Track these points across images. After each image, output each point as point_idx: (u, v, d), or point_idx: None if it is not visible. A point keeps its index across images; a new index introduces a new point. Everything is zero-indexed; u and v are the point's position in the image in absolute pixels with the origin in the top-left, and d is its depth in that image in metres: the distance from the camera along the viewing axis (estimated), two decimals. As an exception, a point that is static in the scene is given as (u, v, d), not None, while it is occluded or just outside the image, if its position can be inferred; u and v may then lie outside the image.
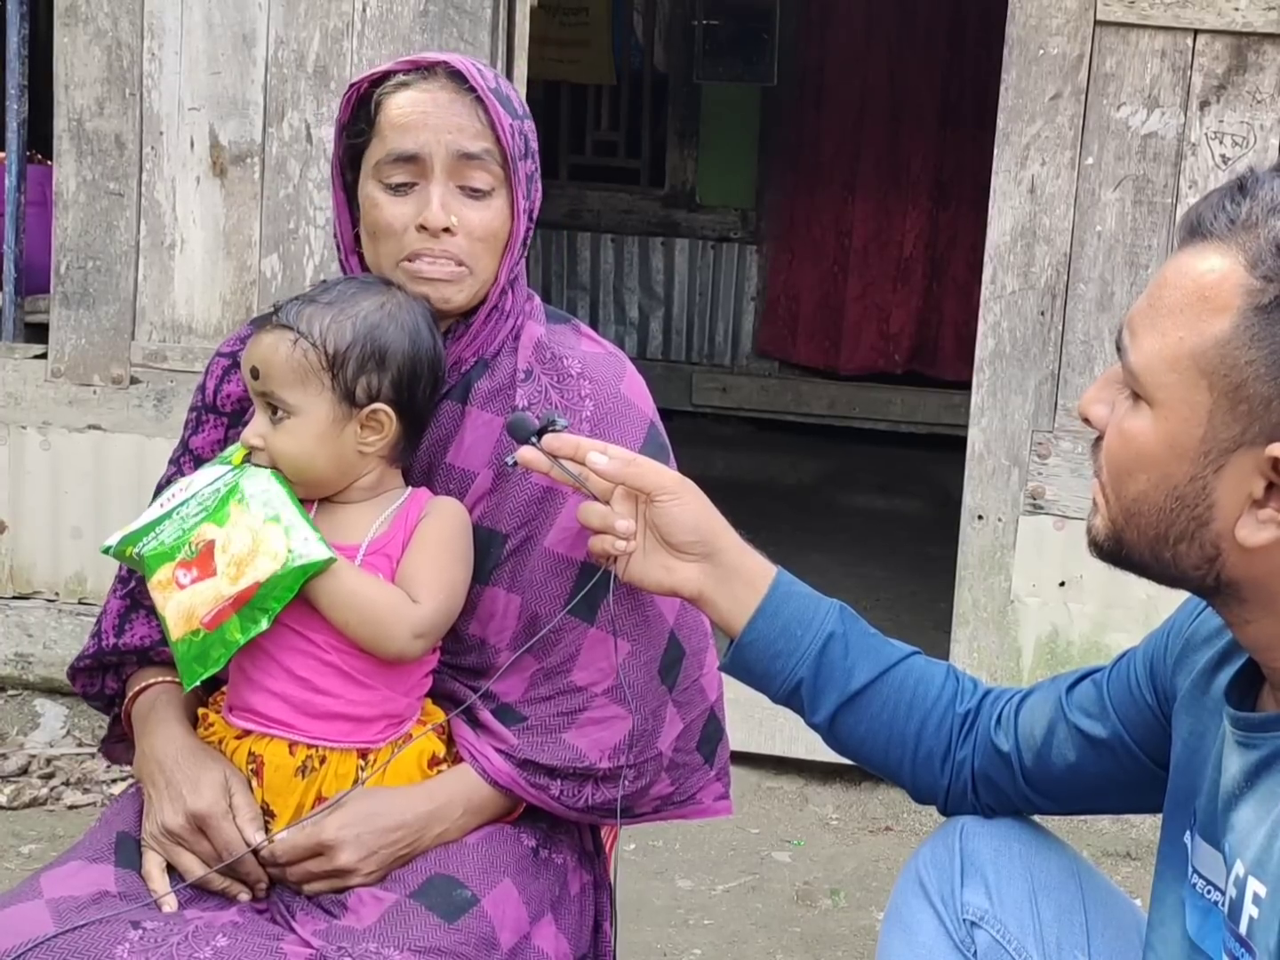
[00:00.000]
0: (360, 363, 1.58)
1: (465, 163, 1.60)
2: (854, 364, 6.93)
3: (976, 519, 3.47)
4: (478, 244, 1.62)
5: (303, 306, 1.59)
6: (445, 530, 1.64)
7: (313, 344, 1.56)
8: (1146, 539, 1.22)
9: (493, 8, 3.45)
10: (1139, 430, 1.19)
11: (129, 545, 1.59)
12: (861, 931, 2.92)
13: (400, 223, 1.61)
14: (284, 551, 1.53)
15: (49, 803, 3.25)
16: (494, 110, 1.60)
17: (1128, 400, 1.21)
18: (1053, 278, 3.40)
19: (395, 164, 1.61)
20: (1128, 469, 1.21)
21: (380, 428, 1.61)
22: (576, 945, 1.67)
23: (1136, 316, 1.21)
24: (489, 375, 1.69)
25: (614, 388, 1.71)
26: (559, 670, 1.66)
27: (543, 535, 1.66)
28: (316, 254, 3.56)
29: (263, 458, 1.60)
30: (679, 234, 7.15)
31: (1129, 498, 1.21)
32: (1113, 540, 1.25)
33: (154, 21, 3.54)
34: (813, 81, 6.80)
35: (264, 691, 1.60)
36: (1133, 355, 1.19)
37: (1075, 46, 3.33)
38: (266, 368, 1.58)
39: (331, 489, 1.63)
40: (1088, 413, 1.26)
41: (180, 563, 1.55)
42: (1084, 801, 1.56)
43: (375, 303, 1.59)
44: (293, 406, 1.58)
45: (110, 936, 1.43)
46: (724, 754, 1.81)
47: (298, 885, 1.58)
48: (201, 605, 1.54)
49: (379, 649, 1.59)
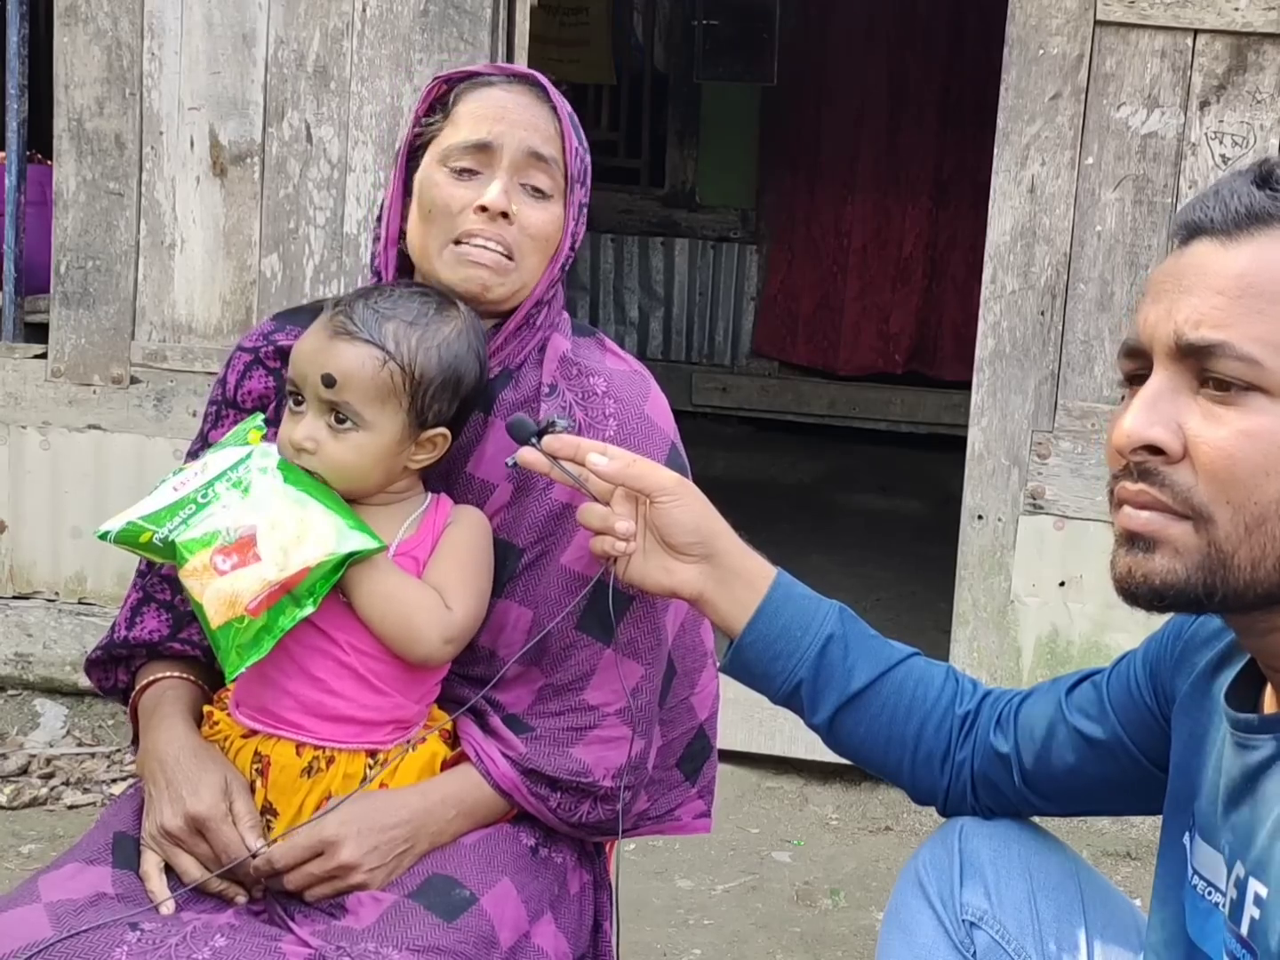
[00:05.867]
0: (439, 391, 1.58)
1: (533, 162, 1.63)
2: (853, 364, 6.94)
3: (976, 519, 3.47)
4: (528, 240, 1.63)
5: (383, 320, 1.56)
6: (473, 539, 1.64)
7: (401, 367, 1.55)
8: (1277, 546, 1.13)
9: (493, 7, 3.45)
10: (1267, 424, 1.12)
11: (143, 532, 1.54)
12: (861, 931, 2.92)
13: (458, 203, 1.62)
14: (333, 536, 1.50)
15: (49, 803, 3.25)
16: (566, 125, 1.65)
17: (1209, 406, 1.14)
18: (1053, 278, 3.40)
19: (465, 151, 1.63)
20: (1265, 469, 1.12)
21: (434, 448, 1.62)
22: (576, 944, 1.67)
23: (1212, 314, 1.14)
24: (514, 387, 1.69)
25: (639, 408, 1.71)
26: (571, 688, 1.66)
27: (559, 551, 1.66)
28: (316, 254, 3.56)
29: (310, 461, 1.56)
30: (679, 234, 7.15)
31: (1265, 501, 1.12)
32: (1205, 570, 1.15)
33: (154, 21, 3.55)
34: (813, 81, 6.80)
35: (276, 689, 1.60)
36: (1246, 348, 1.12)
37: (1075, 46, 3.33)
38: (347, 380, 1.54)
39: (366, 497, 1.62)
40: (1149, 437, 1.15)
41: (219, 549, 1.51)
42: (1083, 803, 1.56)
43: (456, 328, 1.59)
44: (367, 422, 1.56)
45: (108, 939, 1.43)
46: (709, 772, 1.82)
47: (299, 891, 1.57)
48: (246, 592, 1.49)
49: (408, 650, 1.59)
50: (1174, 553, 1.15)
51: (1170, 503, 1.15)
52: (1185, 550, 1.15)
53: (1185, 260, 1.18)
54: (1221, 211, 1.16)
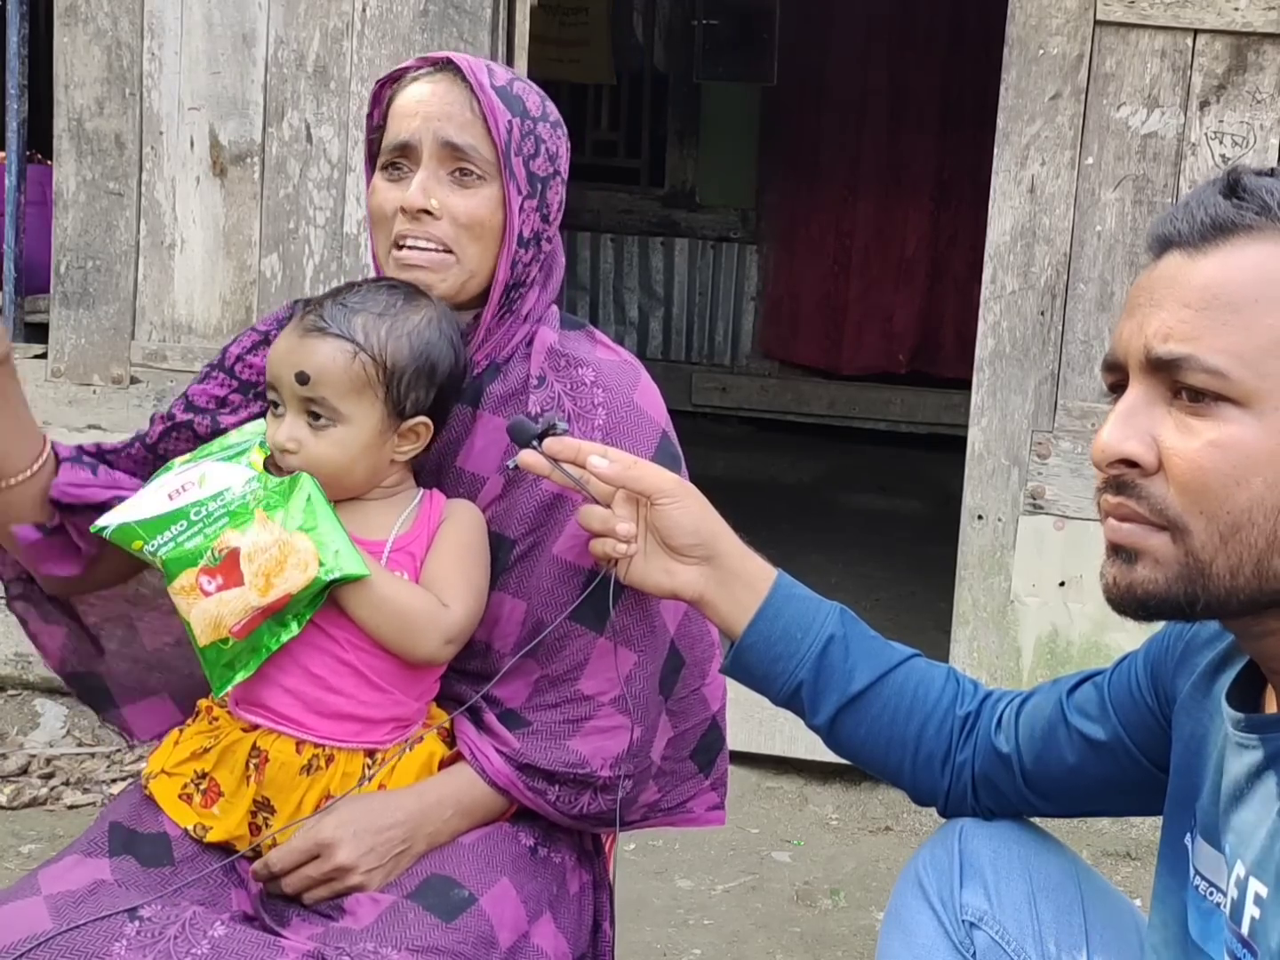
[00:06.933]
0: (414, 379, 1.58)
1: (450, 150, 1.61)
2: (856, 364, 6.94)
3: (976, 519, 3.47)
4: (463, 231, 1.62)
5: (351, 314, 1.57)
6: (468, 534, 1.64)
7: (372, 358, 1.56)
8: (1254, 553, 1.14)
9: (493, 8, 3.46)
10: (1236, 434, 1.12)
11: (136, 538, 1.55)
12: (861, 931, 2.92)
13: (390, 207, 1.63)
14: (315, 563, 1.50)
15: (49, 802, 3.25)
16: (488, 104, 1.62)
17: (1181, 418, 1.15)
18: (1053, 278, 3.40)
19: (391, 153, 1.64)
20: (1234, 479, 1.13)
21: (417, 438, 1.62)
22: (575, 944, 1.67)
23: (1179, 328, 1.14)
24: (501, 380, 1.69)
25: (627, 397, 1.71)
26: (566, 678, 1.66)
27: (551, 542, 1.66)
28: (316, 254, 3.56)
29: (294, 461, 1.57)
30: (679, 234, 7.15)
31: (1237, 510, 1.13)
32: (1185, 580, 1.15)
33: (154, 21, 3.55)
34: (813, 81, 6.80)
35: (276, 687, 1.60)
36: (1211, 360, 1.12)
37: (1075, 46, 3.33)
38: (320, 375, 1.55)
39: (358, 493, 1.63)
40: (1124, 451, 1.16)
41: (204, 569, 1.52)
42: (1084, 804, 1.56)
43: (425, 316, 1.59)
44: (344, 416, 1.57)
45: (107, 932, 1.43)
46: (722, 765, 1.81)
47: (297, 894, 1.57)
48: (230, 615, 1.51)
49: (409, 654, 1.59)
50: (1154, 563, 1.16)
51: (1147, 515, 1.16)
52: (1164, 561, 1.16)
53: (1157, 273, 1.19)
54: (1189, 223, 1.17)
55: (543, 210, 1.66)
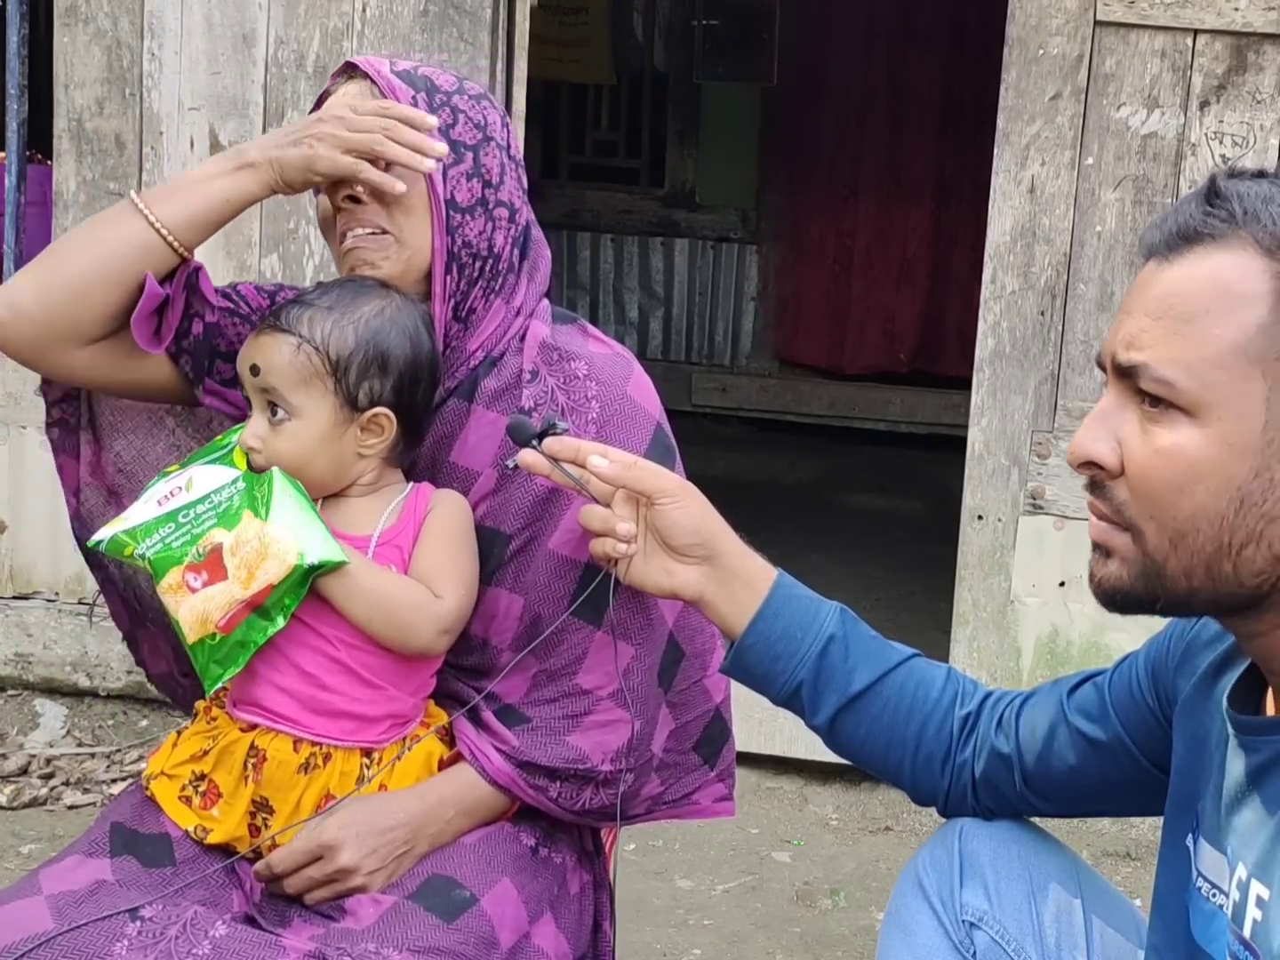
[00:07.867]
0: (363, 368, 1.59)
1: None
2: (858, 364, 6.94)
3: (976, 519, 3.47)
4: (393, 208, 1.61)
5: (301, 310, 1.60)
6: (455, 524, 1.65)
7: (315, 349, 1.58)
8: (1203, 557, 1.17)
9: (493, 8, 3.45)
10: (1182, 442, 1.15)
11: (127, 545, 1.57)
12: (861, 931, 2.92)
13: (327, 207, 1.66)
14: (294, 553, 1.52)
15: (49, 803, 3.25)
16: (386, 85, 1.63)
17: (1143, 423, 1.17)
18: (1053, 278, 3.40)
19: None
20: (1177, 486, 1.16)
21: (380, 431, 1.62)
22: (576, 945, 1.67)
23: (1140, 336, 1.17)
24: (495, 374, 1.69)
25: (620, 389, 1.71)
26: (564, 673, 1.66)
27: (546, 536, 1.66)
28: (316, 254, 3.56)
29: (258, 459, 1.60)
30: (679, 234, 7.15)
31: (1183, 517, 1.16)
32: (1145, 579, 1.19)
33: (154, 21, 3.54)
34: (813, 81, 6.79)
35: (270, 686, 1.60)
36: (1160, 370, 1.15)
37: (1075, 46, 3.33)
38: (269, 368, 1.58)
39: (328, 490, 1.64)
40: (1092, 454, 1.20)
41: (189, 566, 1.54)
42: (1084, 804, 1.56)
43: (375, 307, 1.60)
44: (295, 409, 1.59)
45: (109, 933, 1.43)
46: (729, 755, 1.81)
47: (299, 895, 1.57)
48: (216, 610, 1.53)
49: (404, 646, 1.60)
50: (1121, 560, 1.21)
51: (1112, 515, 1.21)
52: (1129, 559, 1.21)
53: (1137, 280, 1.21)
54: (1162, 232, 1.19)
55: (481, 175, 1.64)
